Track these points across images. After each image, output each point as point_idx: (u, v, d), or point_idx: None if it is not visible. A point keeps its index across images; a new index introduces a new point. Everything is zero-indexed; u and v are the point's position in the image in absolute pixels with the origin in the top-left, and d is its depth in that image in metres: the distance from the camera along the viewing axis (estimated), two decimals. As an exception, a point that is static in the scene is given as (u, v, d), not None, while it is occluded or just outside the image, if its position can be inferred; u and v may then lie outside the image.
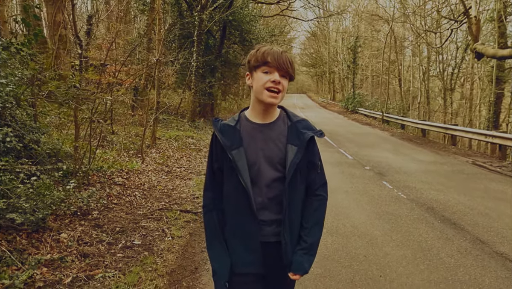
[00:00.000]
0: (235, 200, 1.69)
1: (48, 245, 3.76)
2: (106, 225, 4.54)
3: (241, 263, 1.71)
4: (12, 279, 2.95)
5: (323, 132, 1.79)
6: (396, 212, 5.78)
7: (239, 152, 1.66)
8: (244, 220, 1.68)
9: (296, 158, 1.67)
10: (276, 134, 1.71)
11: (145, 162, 7.97)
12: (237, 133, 1.70)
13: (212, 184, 1.78)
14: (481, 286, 3.55)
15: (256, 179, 1.67)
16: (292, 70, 1.67)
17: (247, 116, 1.76)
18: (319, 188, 1.80)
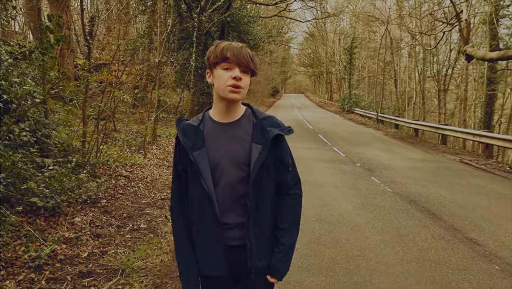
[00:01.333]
0: (198, 203, 1.65)
1: (65, 226, 4.23)
2: (114, 212, 5.00)
3: (207, 266, 1.68)
4: (38, 252, 3.42)
5: (291, 129, 1.71)
6: (380, 204, 6.26)
7: (201, 153, 1.61)
8: (208, 223, 1.64)
9: (260, 157, 1.61)
10: (240, 133, 1.66)
11: (147, 157, 8.44)
12: (200, 134, 1.65)
13: (178, 186, 1.73)
14: (447, 264, 4.03)
15: (220, 180, 1.62)
16: (253, 65, 1.60)
17: (210, 115, 1.70)
18: (292, 186, 1.75)
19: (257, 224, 1.65)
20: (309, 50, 63.10)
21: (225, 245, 1.65)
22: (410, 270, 3.86)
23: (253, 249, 1.64)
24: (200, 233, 1.68)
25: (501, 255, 4.30)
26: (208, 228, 1.64)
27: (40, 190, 4.04)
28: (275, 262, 1.68)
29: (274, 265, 1.68)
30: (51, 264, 3.42)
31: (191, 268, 1.69)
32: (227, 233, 1.64)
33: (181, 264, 1.71)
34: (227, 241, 1.65)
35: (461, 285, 3.58)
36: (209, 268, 1.67)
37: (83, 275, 3.31)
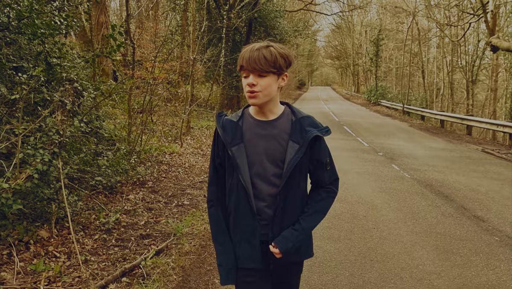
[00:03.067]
0: (236, 196, 1.68)
1: (122, 202, 5.03)
2: (160, 191, 5.79)
3: (243, 258, 1.71)
4: (106, 219, 4.22)
5: (329, 130, 1.73)
6: (397, 187, 6.81)
7: (239, 148, 1.64)
8: (244, 216, 1.68)
9: (296, 156, 1.64)
10: (278, 131, 1.68)
11: (183, 147, 9.24)
12: (239, 129, 1.68)
13: (215, 179, 1.76)
14: (452, 235, 4.59)
15: (258, 176, 1.66)
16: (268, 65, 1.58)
17: (250, 112, 1.74)
18: (329, 184, 1.79)
19: (284, 220, 1.68)
20: (336, 42, 62.87)
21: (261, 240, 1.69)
22: (417, 239, 4.44)
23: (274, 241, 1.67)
24: (237, 226, 1.71)
25: (502, 230, 4.81)
26: (244, 221, 1.68)
27: (103, 171, 4.85)
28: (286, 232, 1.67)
29: (283, 235, 1.67)
30: (117, 228, 4.22)
31: (229, 259, 1.72)
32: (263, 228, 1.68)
33: (219, 255, 1.74)
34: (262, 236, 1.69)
35: (461, 251, 4.14)
36: (245, 260, 1.71)
37: (143, 237, 4.09)
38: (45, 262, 3.24)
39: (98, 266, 3.36)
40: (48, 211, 3.83)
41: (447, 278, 3.53)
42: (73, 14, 4.01)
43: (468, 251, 4.14)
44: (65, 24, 3.79)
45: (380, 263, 3.83)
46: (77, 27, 4.29)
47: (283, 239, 1.65)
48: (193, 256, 3.77)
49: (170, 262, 3.54)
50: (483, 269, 3.74)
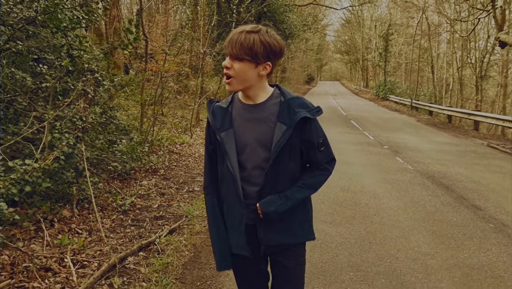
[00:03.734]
0: (226, 182, 1.68)
1: (136, 187, 5.34)
2: (172, 179, 6.09)
3: (235, 244, 1.72)
4: (122, 202, 4.52)
5: (320, 110, 1.68)
6: (400, 178, 7.03)
7: (228, 134, 1.63)
8: (233, 203, 1.68)
9: (283, 138, 1.60)
10: (267, 114, 1.65)
11: (192, 138, 9.54)
12: (228, 115, 1.67)
13: (209, 165, 1.77)
14: (449, 222, 4.82)
15: (248, 161, 1.64)
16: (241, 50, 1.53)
17: (239, 97, 1.71)
18: (326, 163, 1.75)
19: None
20: (345, 37, 62.67)
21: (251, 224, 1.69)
22: (415, 225, 4.68)
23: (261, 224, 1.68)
24: (228, 212, 1.72)
25: (498, 218, 5.03)
26: (233, 207, 1.68)
27: (119, 157, 5.15)
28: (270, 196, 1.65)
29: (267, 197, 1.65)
30: (133, 210, 4.52)
31: (223, 246, 1.73)
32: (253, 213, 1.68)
33: (214, 243, 1.75)
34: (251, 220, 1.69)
35: (456, 236, 4.38)
36: (235, 247, 1.72)
37: (157, 218, 4.39)
38: (69, 237, 3.54)
39: (117, 242, 3.67)
40: (69, 193, 4.14)
41: (440, 258, 3.78)
42: (93, 9, 4.27)
43: (463, 236, 4.38)
44: (86, 18, 4.08)
45: (378, 245, 4.08)
46: (96, 22, 4.57)
47: (266, 201, 1.64)
48: (204, 236, 4.06)
49: (183, 240, 3.84)
50: (475, 252, 3.97)
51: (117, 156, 5.21)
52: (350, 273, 3.45)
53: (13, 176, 2.88)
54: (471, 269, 3.60)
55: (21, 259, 3.02)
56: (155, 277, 3.08)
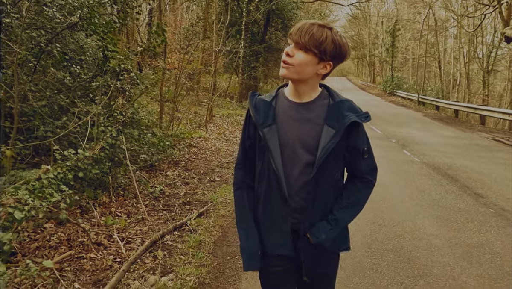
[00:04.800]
0: (267, 180, 1.60)
1: (162, 177, 5.79)
2: (193, 170, 6.54)
3: (274, 244, 1.64)
4: (153, 189, 4.97)
5: (369, 116, 1.60)
6: (407, 170, 7.42)
7: (271, 130, 1.56)
8: (275, 202, 1.60)
9: (331, 142, 1.51)
10: (313, 115, 1.57)
11: (207, 133, 9.98)
12: (272, 110, 1.59)
13: (244, 161, 1.71)
14: (452, 208, 5.21)
15: (288, 161, 1.56)
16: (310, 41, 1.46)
17: (285, 93, 1.65)
18: (366, 174, 1.66)
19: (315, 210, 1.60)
20: (352, 33, 62.70)
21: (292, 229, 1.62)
22: (420, 210, 5.08)
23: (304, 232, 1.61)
24: (267, 212, 1.64)
25: (498, 204, 5.41)
26: (275, 206, 1.60)
27: (146, 149, 5.59)
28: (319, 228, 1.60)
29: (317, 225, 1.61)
30: (163, 197, 4.97)
31: (252, 245, 1.66)
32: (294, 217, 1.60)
33: (242, 240, 1.68)
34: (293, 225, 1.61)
35: (458, 219, 4.77)
36: (276, 247, 1.64)
37: (185, 204, 4.83)
38: (112, 219, 4.00)
39: (153, 223, 4.12)
40: (106, 181, 4.59)
41: (443, 238, 4.18)
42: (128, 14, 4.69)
43: (465, 220, 4.77)
44: (120, 23, 4.50)
45: (386, 227, 4.49)
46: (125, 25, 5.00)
47: (316, 230, 1.59)
48: (229, 219, 4.49)
49: (211, 222, 4.28)
50: (475, 233, 4.37)
51: (144, 149, 5.65)
52: (361, 250, 3.87)
53: (68, 163, 3.33)
54: (471, 246, 4.00)
55: (75, 235, 3.47)
56: (191, 252, 3.53)
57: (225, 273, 3.30)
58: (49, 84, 4.51)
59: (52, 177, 2.99)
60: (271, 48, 22.97)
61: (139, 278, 2.97)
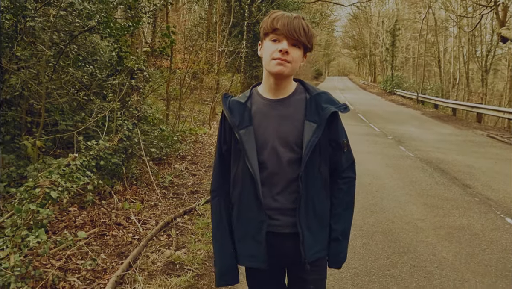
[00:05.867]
0: (241, 186, 1.55)
1: (171, 169, 6.21)
2: (199, 163, 6.96)
3: (246, 256, 1.59)
4: (163, 179, 5.39)
5: (347, 107, 1.59)
6: (401, 164, 7.82)
7: (247, 132, 1.51)
8: (249, 209, 1.54)
9: (314, 136, 1.49)
10: (291, 110, 1.54)
11: (211, 130, 10.40)
12: (247, 111, 1.55)
13: (221, 167, 1.64)
14: (440, 196, 5.61)
15: (268, 162, 1.51)
16: (305, 37, 1.47)
17: (259, 91, 1.60)
18: (346, 169, 1.65)
19: (309, 210, 1.54)
20: (353, 32, 63.06)
21: (274, 232, 1.54)
22: (411, 199, 5.49)
23: (305, 236, 1.53)
24: (240, 219, 1.58)
25: (484, 193, 5.81)
26: (249, 213, 1.54)
27: (156, 143, 6.01)
28: (335, 252, 1.61)
29: (331, 254, 1.61)
30: (172, 187, 5.40)
31: (225, 260, 1.61)
32: (276, 219, 1.54)
33: (216, 254, 1.64)
34: (275, 228, 1.54)
35: (444, 206, 5.18)
36: (247, 259, 1.59)
37: (193, 192, 5.25)
38: (128, 204, 4.42)
39: (164, 208, 4.54)
40: (120, 172, 5.01)
41: (429, 222, 4.59)
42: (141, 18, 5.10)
43: (451, 207, 5.18)
44: (133, 26, 4.92)
45: (378, 213, 4.91)
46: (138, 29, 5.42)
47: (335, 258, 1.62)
48: (233, 205, 4.92)
49: (217, 208, 4.70)
50: (459, 218, 4.78)
51: (154, 143, 6.08)
52: (353, 232, 4.28)
53: (91, 152, 3.75)
54: (453, 229, 4.41)
55: (97, 216, 3.90)
56: (200, 232, 3.95)
57: (231, 250, 3.73)
58: (68, 82, 4.93)
59: (79, 164, 3.41)
60: (272, 48, 23.38)
61: (156, 251, 3.39)
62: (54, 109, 4.83)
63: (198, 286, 3.01)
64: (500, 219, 4.78)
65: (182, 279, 2.98)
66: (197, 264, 3.28)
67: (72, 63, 5.25)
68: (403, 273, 3.38)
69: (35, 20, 4.54)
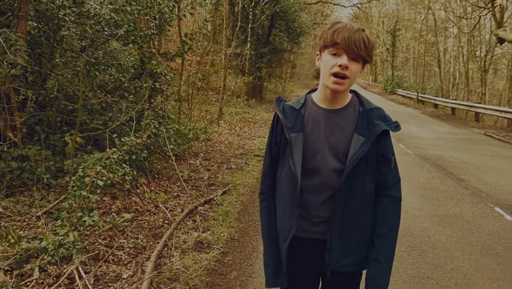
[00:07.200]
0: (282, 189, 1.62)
1: (186, 165, 6.71)
2: (211, 160, 7.46)
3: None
4: (182, 173, 5.89)
5: (398, 125, 1.60)
6: (401, 160, 8.30)
7: (298, 136, 1.53)
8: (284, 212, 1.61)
9: (361, 150, 1.49)
10: (344, 122, 1.55)
11: (220, 128, 10.90)
12: (300, 118, 1.57)
13: (271, 170, 1.67)
14: (435, 189, 6.10)
15: (317, 169, 1.53)
16: (366, 52, 1.46)
17: (313, 99, 1.62)
18: (391, 187, 1.61)
19: (345, 220, 1.54)
20: (354, 32, 63.42)
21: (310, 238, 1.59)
22: (409, 191, 5.98)
23: (332, 244, 1.55)
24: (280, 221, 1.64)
25: (476, 186, 6.31)
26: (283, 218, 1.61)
27: (173, 140, 6.50)
28: (373, 274, 1.56)
29: (370, 276, 1.57)
30: (190, 180, 5.90)
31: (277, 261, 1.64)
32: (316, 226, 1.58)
33: (266, 254, 1.67)
34: (312, 234, 1.59)
35: (439, 197, 5.68)
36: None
37: (209, 185, 5.75)
38: (155, 194, 4.92)
39: (186, 199, 5.04)
40: (144, 166, 5.51)
41: (425, 210, 5.09)
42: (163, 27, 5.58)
43: (445, 198, 5.67)
44: (156, 34, 5.41)
45: (379, 203, 5.39)
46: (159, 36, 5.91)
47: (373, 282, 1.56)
48: (247, 196, 5.42)
49: (233, 198, 5.20)
50: (452, 207, 5.27)
51: (171, 140, 6.57)
52: (357, 219, 4.77)
53: (125, 147, 4.24)
54: (447, 216, 4.90)
55: (129, 205, 4.40)
56: (221, 218, 4.44)
57: (249, 233, 4.22)
58: (97, 85, 5.43)
59: (116, 157, 3.91)
60: (275, 49, 23.85)
61: (186, 233, 3.89)
62: (85, 110, 5.33)
63: (224, 261, 3.51)
64: (490, 208, 5.28)
65: (211, 255, 3.48)
66: (221, 244, 3.78)
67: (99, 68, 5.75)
68: (401, 252, 3.88)
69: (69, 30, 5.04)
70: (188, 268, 3.19)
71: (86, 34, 5.38)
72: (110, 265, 3.13)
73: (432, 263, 3.66)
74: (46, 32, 5.04)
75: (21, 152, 4.50)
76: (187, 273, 3.12)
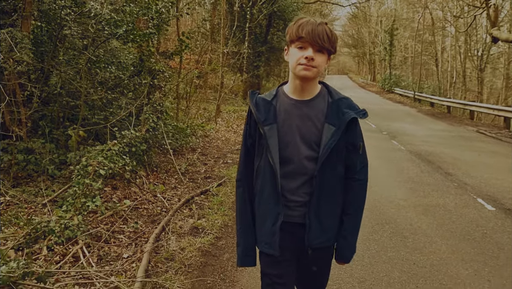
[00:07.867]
0: (262, 178, 1.68)
1: (184, 159, 6.97)
2: (208, 155, 7.71)
3: (263, 242, 1.72)
4: (180, 167, 6.14)
5: (366, 112, 1.70)
6: (393, 156, 8.57)
7: (271, 129, 1.61)
8: (268, 200, 1.67)
9: (332, 139, 1.59)
10: (314, 112, 1.64)
11: (217, 125, 11.16)
12: (272, 109, 1.65)
13: (246, 159, 1.75)
14: (423, 182, 6.36)
15: (289, 158, 1.63)
16: (329, 43, 1.55)
17: (285, 91, 1.70)
18: (359, 171, 1.75)
19: (321, 203, 1.65)
20: (353, 31, 63.73)
21: (288, 222, 1.68)
22: (397, 184, 6.24)
23: (311, 226, 1.66)
24: (260, 208, 1.72)
25: (462, 180, 6.57)
26: (267, 204, 1.68)
27: (171, 135, 6.76)
28: (341, 248, 1.76)
29: (340, 250, 1.76)
30: (188, 173, 6.15)
31: (248, 241, 1.76)
32: (294, 210, 1.67)
33: (239, 236, 1.78)
34: (290, 218, 1.68)
35: (425, 190, 5.94)
36: (264, 245, 1.72)
37: (206, 178, 6.01)
38: (153, 185, 5.17)
39: (183, 190, 5.29)
40: (142, 160, 5.76)
41: (410, 201, 5.35)
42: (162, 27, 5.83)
43: (431, 190, 5.94)
44: (155, 33, 5.66)
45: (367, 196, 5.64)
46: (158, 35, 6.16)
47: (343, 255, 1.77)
48: (241, 188, 5.67)
49: (228, 189, 5.45)
50: (436, 198, 5.53)
51: (170, 135, 6.83)
52: (345, 209, 5.03)
53: (125, 140, 4.50)
54: (430, 206, 5.16)
55: (128, 194, 4.66)
56: (216, 207, 4.71)
57: (242, 221, 4.49)
58: (98, 82, 5.68)
59: (116, 149, 4.16)
60: (273, 48, 24.10)
61: (182, 220, 4.16)
62: (87, 105, 5.58)
63: (218, 244, 3.77)
64: (472, 199, 5.54)
65: (205, 239, 3.74)
66: (215, 229, 4.05)
67: (100, 65, 6.00)
68: (383, 238, 4.14)
69: (71, 29, 5.29)
70: (183, 250, 3.45)
71: (88, 33, 5.64)
72: (112, 246, 3.39)
73: (412, 247, 3.93)
74: (49, 31, 5.29)
75: (26, 145, 4.76)
76: (183, 254, 3.38)
